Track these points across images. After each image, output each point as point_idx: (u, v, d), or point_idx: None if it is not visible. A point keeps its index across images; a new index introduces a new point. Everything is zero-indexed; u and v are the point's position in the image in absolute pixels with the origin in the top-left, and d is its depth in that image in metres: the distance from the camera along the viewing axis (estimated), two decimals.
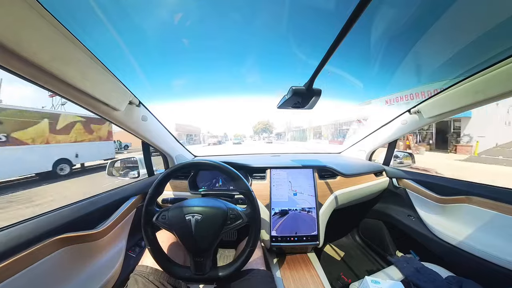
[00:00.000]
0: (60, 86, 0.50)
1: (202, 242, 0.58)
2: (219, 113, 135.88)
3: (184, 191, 1.09)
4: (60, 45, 0.46)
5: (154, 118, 0.97)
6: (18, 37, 0.37)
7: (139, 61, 2.96)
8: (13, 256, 0.48)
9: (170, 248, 0.74)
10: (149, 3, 1.36)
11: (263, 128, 76.74)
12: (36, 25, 0.40)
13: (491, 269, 0.73)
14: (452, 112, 0.86)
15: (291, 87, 0.62)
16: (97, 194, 0.83)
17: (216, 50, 13.15)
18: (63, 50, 0.46)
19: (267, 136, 68.96)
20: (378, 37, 1.37)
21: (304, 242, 0.98)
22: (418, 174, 1.18)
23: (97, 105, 0.62)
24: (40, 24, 0.40)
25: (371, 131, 1.41)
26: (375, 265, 1.31)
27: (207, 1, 2.80)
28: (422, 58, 1.47)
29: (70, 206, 0.70)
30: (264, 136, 74.32)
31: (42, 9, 0.40)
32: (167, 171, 0.66)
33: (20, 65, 0.41)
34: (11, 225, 0.55)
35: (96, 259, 0.69)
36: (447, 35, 1.03)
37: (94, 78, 0.57)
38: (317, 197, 1.04)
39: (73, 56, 0.49)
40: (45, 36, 0.42)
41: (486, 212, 0.81)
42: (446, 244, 0.89)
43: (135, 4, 1.24)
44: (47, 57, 0.43)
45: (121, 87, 0.70)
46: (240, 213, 0.63)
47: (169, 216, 0.60)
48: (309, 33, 3.80)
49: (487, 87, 0.69)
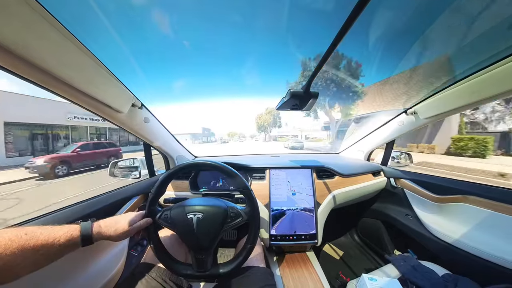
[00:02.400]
0: (68, 90, 0.52)
1: (203, 239, 0.60)
2: (219, 114, 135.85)
3: (185, 191, 1.11)
4: (68, 51, 0.48)
5: (156, 120, 0.99)
6: (29, 44, 0.40)
7: (142, 65, 3.01)
8: None
9: (172, 246, 0.76)
10: (152, 11, 1.39)
11: (272, 122, 48.44)
12: (46, 33, 0.42)
13: (486, 267, 0.74)
14: (448, 113, 0.87)
15: (289, 90, 0.64)
16: (100, 194, 0.85)
17: (216, 53, 13.31)
18: (70, 56, 0.49)
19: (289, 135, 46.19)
20: (374, 42, 1.39)
21: (303, 241, 1.00)
22: (415, 174, 1.19)
23: (101, 107, 0.64)
24: (49, 31, 0.43)
25: (368, 132, 1.42)
26: (373, 264, 1.33)
27: (207, 7, 2.84)
28: (418, 60, 1.49)
29: (73, 206, 0.72)
30: (276, 133, 50.46)
31: (51, 18, 0.42)
32: (169, 172, 0.67)
33: (30, 70, 0.43)
34: (12, 226, 0.56)
35: (98, 259, 0.70)
36: (442, 37, 1.06)
37: (99, 82, 0.59)
38: (315, 196, 1.06)
39: (80, 62, 0.51)
40: (54, 42, 0.44)
41: (482, 211, 0.82)
42: (443, 242, 0.90)
43: (139, 11, 1.28)
44: (55, 63, 0.45)
45: (125, 90, 0.72)
46: (240, 211, 0.65)
47: (172, 215, 0.62)
48: (307, 38, 3.84)
49: (482, 88, 0.69)
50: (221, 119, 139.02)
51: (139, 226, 0.58)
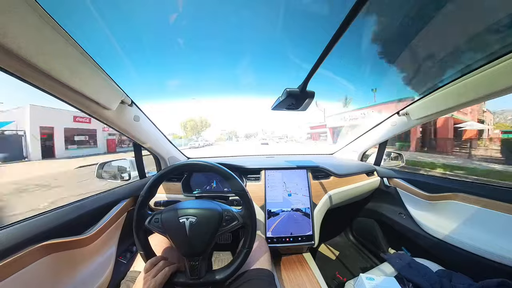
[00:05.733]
0: (47, 82, 0.47)
1: (197, 245, 0.57)
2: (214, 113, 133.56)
3: (177, 193, 1.07)
4: (48, 38, 0.43)
5: (147, 119, 0.95)
6: (2, 29, 0.35)
7: (133, 60, 2.90)
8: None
9: (164, 253, 0.72)
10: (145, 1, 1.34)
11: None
12: (22, 15, 0.38)
13: (477, 261, 0.76)
14: (438, 114, 0.90)
15: (286, 89, 0.63)
16: (86, 198, 0.79)
17: (211, 51, 13.18)
18: (51, 43, 0.44)
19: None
20: (368, 44, 1.43)
21: (300, 243, 0.98)
22: (408, 173, 1.22)
23: (86, 103, 0.60)
24: (26, 13, 0.38)
25: (362, 133, 1.45)
26: (368, 263, 1.34)
27: (202, 3, 2.81)
28: (410, 62, 1.54)
29: (55, 211, 0.66)
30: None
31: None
32: (160, 173, 0.64)
33: (3, 57, 0.38)
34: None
35: (84, 267, 0.65)
36: (433, 41, 1.10)
37: (84, 75, 0.54)
38: (311, 197, 1.05)
39: (61, 51, 0.47)
40: (32, 27, 0.40)
41: (471, 208, 0.85)
42: (435, 239, 0.92)
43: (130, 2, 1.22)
44: (33, 51, 0.41)
45: (113, 86, 0.68)
46: (236, 214, 0.62)
47: (162, 219, 0.58)
48: (303, 37, 3.91)
49: (468, 91, 0.72)
50: (224, 119, 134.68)
51: (164, 277, 0.53)
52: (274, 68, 39.64)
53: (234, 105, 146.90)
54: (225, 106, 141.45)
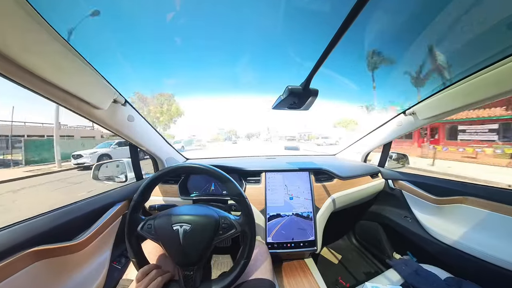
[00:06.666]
0: (32, 80, 0.44)
1: (191, 254, 0.53)
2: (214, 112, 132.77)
3: (174, 196, 1.03)
4: (31, 33, 0.40)
5: (142, 119, 0.91)
6: None
7: (127, 57, 2.85)
8: None
9: (158, 260, 0.69)
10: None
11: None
12: (8, 14, 0.35)
13: (489, 269, 0.72)
14: (446, 114, 0.87)
15: (287, 87, 0.60)
16: (78, 201, 0.76)
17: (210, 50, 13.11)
18: (34, 38, 0.41)
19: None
20: (370, 42, 1.39)
21: (302, 248, 0.95)
22: (414, 175, 1.18)
23: (75, 102, 0.57)
24: (7, 9, 0.35)
25: (366, 133, 1.41)
26: (372, 268, 1.30)
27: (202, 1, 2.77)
28: (415, 60, 1.50)
29: (47, 215, 0.64)
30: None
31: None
32: (154, 175, 0.61)
33: None
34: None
35: (75, 273, 0.63)
36: (440, 38, 1.05)
37: (72, 72, 0.51)
38: (314, 201, 1.02)
39: (46, 46, 0.44)
40: (17, 24, 0.37)
41: (482, 212, 0.81)
42: (443, 244, 0.88)
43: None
44: (18, 48, 0.37)
45: (105, 84, 0.64)
46: (233, 222, 0.58)
47: (155, 226, 0.55)
48: (305, 34, 3.87)
49: (475, 91, 0.70)
50: (224, 119, 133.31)
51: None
52: (275, 67, 39.41)
53: (234, 103, 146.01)
54: (223, 104, 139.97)
